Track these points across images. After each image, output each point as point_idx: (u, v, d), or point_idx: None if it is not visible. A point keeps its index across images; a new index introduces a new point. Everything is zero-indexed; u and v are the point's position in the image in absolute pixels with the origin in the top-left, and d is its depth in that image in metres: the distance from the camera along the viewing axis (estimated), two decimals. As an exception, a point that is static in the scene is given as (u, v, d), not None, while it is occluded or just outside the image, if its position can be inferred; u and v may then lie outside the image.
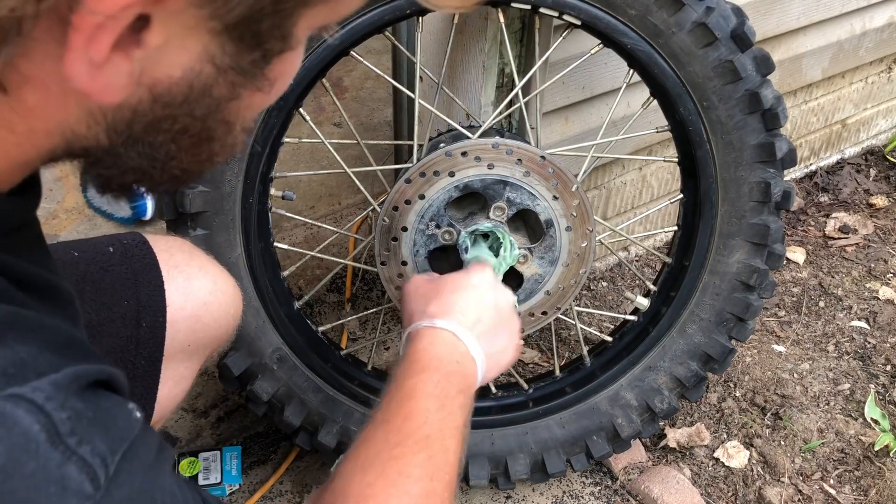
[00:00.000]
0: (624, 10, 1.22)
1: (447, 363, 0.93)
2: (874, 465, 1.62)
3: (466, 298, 1.01)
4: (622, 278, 2.02)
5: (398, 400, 0.87)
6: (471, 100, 1.54)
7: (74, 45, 0.46)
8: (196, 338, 1.05)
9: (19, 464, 0.46)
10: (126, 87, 0.50)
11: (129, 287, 0.98)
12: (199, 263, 1.06)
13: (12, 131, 0.52)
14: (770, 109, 1.28)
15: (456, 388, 0.91)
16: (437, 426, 0.84)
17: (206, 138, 0.57)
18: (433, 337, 0.96)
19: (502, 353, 1.03)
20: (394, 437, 0.82)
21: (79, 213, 2.02)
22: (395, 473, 0.78)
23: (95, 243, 1.02)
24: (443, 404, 0.87)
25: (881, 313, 1.94)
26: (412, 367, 0.91)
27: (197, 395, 1.64)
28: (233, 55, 0.52)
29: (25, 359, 0.49)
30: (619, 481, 1.59)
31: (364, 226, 2.01)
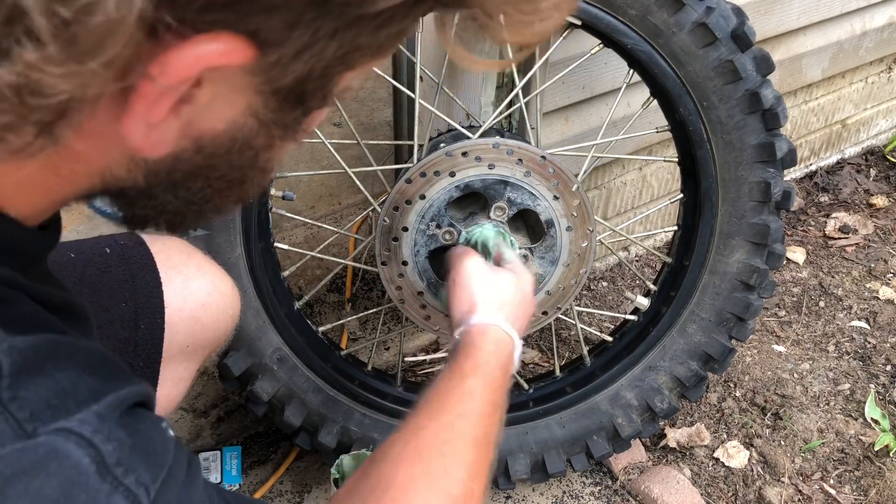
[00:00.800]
0: (624, 10, 1.22)
1: (506, 373, 0.95)
2: (874, 465, 1.62)
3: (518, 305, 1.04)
4: (622, 278, 2.02)
5: (458, 396, 0.88)
6: (471, 100, 1.54)
7: (136, 109, 0.48)
8: (195, 339, 1.04)
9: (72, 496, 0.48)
10: (174, 141, 0.52)
11: (126, 288, 0.98)
12: (196, 264, 1.05)
13: (57, 174, 0.53)
14: (770, 109, 1.28)
15: (504, 398, 0.93)
16: (485, 431, 0.85)
17: (240, 182, 0.59)
18: (500, 341, 0.97)
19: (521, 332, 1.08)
20: (445, 433, 0.83)
21: (79, 213, 2.02)
22: (441, 471, 0.78)
23: (92, 244, 1.02)
24: (494, 411, 0.89)
25: (881, 313, 1.94)
26: (478, 368, 0.92)
27: (197, 395, 1.64)
28: (276, 111, 0.53)
29: (66, 388, 0.50)
30: (619, 481, 1.59)
31: (364, 226, 2.01)
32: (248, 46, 0.46)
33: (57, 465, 0.47)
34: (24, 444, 0.47)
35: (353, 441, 1.42)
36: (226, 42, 0.45)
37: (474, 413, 0.86)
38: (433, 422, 0.84)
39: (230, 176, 0.58)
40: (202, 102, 0.49)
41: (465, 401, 0.87)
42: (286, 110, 0.54)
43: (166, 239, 1.07)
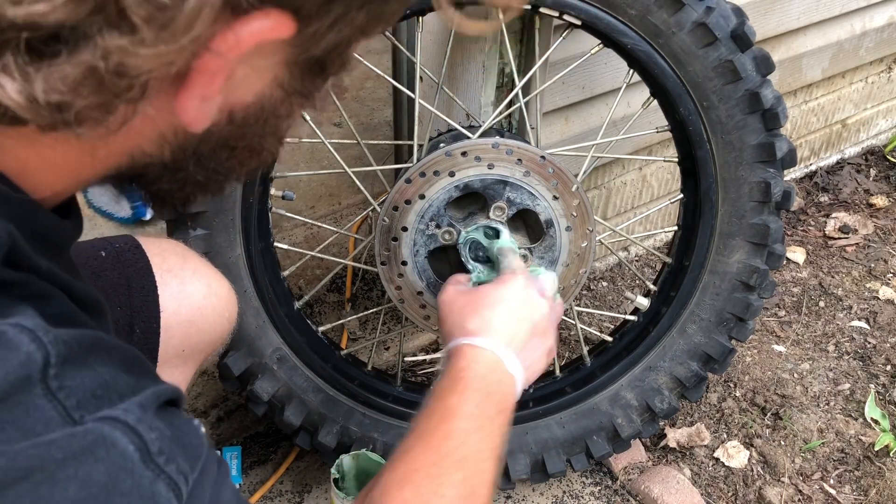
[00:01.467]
0: (624, 10, 1.22)
1: (489, 383, 0.93)
2: (874, 465, 1.62)
3: (502, 314, 1.00)
4: (622, 278, 2.02)
5: (439, 416, 0.87)
6: (471, 100, 1.54)
7: (195, 85, 0.50)
8: (191, 343, 1.03)
9: (118, 482, 0.49)
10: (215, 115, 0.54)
11: (122, 292, 0.97)
12: (192, 267, 1.04)
13: (93, 156, 0.55)
14: (770, 109, 1.28)
15: (496, 409, 0.91)
16: (474, 447, 0.85)
17: (259, 150, 0.62)
18: (474, 356, 0.95)
19: (537, 362, 1.03)
20: (432, 455, 0.83)
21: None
22: (431, 493, 0.79)
23: (87, 247, 1.00)
24: (482, 425, 0.88)
25: (881, 313, 1.94)
26: (454, 385, 0.91)
27: (197, 395, 1.64)
28: (300, 81, 0.56)
29: (108, 381, 0.52)
30: (619, 481, 1.59)
31: (364, 226, 2.01)
32: (292, 20, 0.48)
33: (104, 452, 0.49)
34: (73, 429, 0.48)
35: (353, 441, 1.42)
36: (276, 17, 0.48)
37: (459, 431, 0.85)
38: (419, 445, 0.84)
39: (252, 145, 0.60)
40: (239, 76, 0.52)
41: (447, 420, 0.87)
42: (309, 79, 0.56)
43: (162, 241, 1.06)
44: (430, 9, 1.21)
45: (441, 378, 0.94)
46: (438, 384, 0.93)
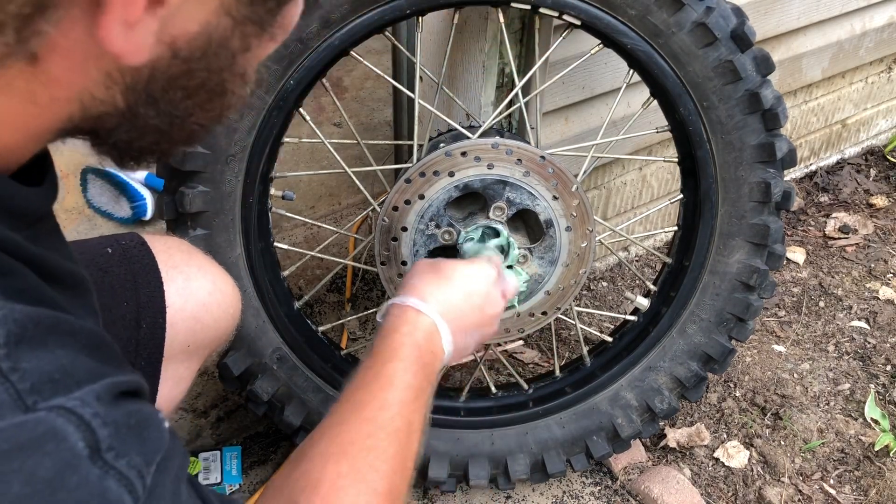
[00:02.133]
0: (624, 10, 1.22)
1: (424, 353, 0.94)
2: (874, 465, 1.62)
3: (458, 289, 1.02)
4: (622, 278, 2.02)
5: (377, 385, 0.87)
6: (471, 100, 1.54)
7: (113, 7, 0.47)
8: (196, 338, 1.04)
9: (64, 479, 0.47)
10: (152, 46, 0.51)
11: (128, 289, 0.98)
12: (198, 264, 1.05)
13: (35, 103, 0.52)
14: (770, 109, 1.28)
15: (427, 381, 0.92)
16: (407, 419, 0.85)
17: (220, 92, 0.58)
18: (417, 323, 0.96)
19: (463, 350, 1.04)
20: (367, 426, 0.83)
21: (79, 213, 2.02)
22: (367, 467, 0.79)
23: (94, 245, 1.01)
24: (416, 396, 0.88)
25: (881, 313, 1.94)
26: (395, 352, 0.92)
27: (197, 395, 1.64)
28: (248, 6, 0.53)
29: (66, 365, 0.50)
30: (619, 481, 1.59)
31: (364, 226, 2.01)
32: None
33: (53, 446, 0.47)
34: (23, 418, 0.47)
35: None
36: None
37: (395, 402, 0.85)
38: (355, 415, 0.84)
39: (209, 84, 0.57)
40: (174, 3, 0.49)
41: (384, 389, 0.87)
42: (258, 3, 0.54)
43: (167, 239, 1.06)
44: (430, 9, 1.22)
45: (380, 336, 0.94)
46: (377, 345, 0.93)
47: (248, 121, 1.20)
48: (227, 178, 1.22)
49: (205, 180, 1.22)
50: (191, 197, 1.21)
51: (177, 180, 1.23)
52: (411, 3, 1.18)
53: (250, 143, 1.22)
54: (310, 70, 1.20)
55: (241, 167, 1.22)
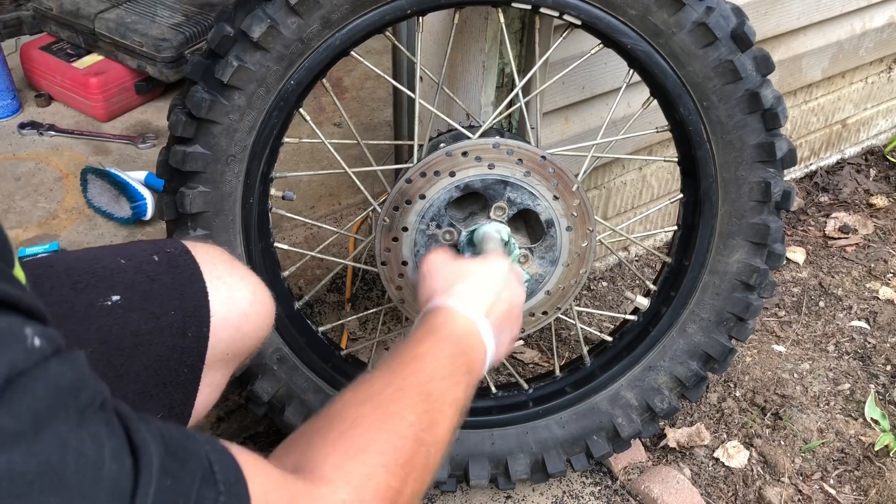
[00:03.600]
0: (624, 10, 1.22)
1: (463, 343, 0.94)
2: (874, 465, 1.62)
3: (487, 287, 1.02)
4: (622, 278, 2.02)
5: (410, 356, 0.87)
6: (471, 100, 1.54)
7: None
8: (235, 346, 1.05)
9: None
10: None
11: (175, 297, 0.99)
12: (240, 274, 1.06)
13: None
14: (770, 109, 1.28)
15: (465, 368, 0.91)
16: (440, 389, 0.84)
17: None
18: (453, 316, 0.97)
19: (503, 345, 1.05)
20: (398, 381, 0.82)
21: (79, 213, 2.02)
22: (392, 412, 0.77)
23: (140, 251, 1.02)
24: (451, 373, 0.88)
25: (881, 313, 1.94)
26: (431, 333, 0.92)
27: (197, 395, 1.64)
28: None
29: None
30: (619, 481, 1.59)
31: (364, 226, 2.01)
32: None
33: None
34: None
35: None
36: None
37: (427, 371, 0.85)
38: (385, 374, 0.83)
39: None
40: None
41: (417, 360, 0.86)
42: None
43: (209, 248, 1.07)
44: (431, 9, 1.22)
45: (415, 330, 0.94)
46: (411, 335, 0.93)
47: (249, 121, 1.20)
48: (227, 178, 1.22)
49: (205, 180, 1.22)
50: (191, 197, 1.21)
51: (177, 180, 1.23)
52: (411, 3, 1.18)
53: (250, 144, 1.22)
54: (310, 70, 1.20)
55: (241, 167, 1.22)
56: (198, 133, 1.19)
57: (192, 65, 1.19)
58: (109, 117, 2.35)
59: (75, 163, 2.17)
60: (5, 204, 2.03)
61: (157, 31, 2.30)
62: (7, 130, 2.30)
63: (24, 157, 2.20)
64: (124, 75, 2.36)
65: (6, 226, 1.96)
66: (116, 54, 2.36)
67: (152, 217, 1.99)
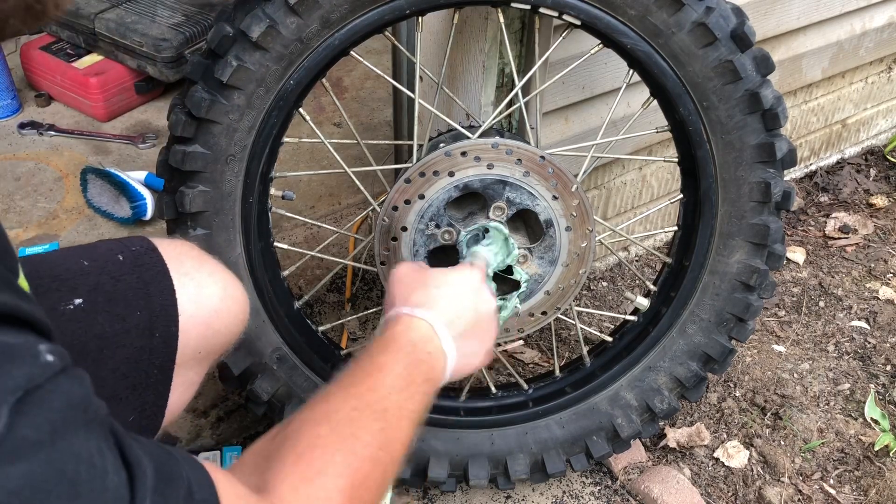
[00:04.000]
0: (624, 10, 1.22)
1: (420, 350, 0.95)
2: (874, 465, 1.62)
3: (449, 295, 1.03)
4: (622, 278, 2.02)
5: (367, 371, 0.88)
6: (471, 100, 1.54)
7: None
8: (207, 344, 1.04)
9: None
10: None
11: (141, 297, 0.97)
12: (209, 270, 1.04)
13: None
14: (770, 109, 1.28)
15: (423, 376, 0.92)
16: (396, 404, 0.86)
17: None
18: (410, 323, 0.98)
19: (473, 355, 1.05)
20: (353, 401, 0.83)
21: (79, 213, 2.02)
22: (348, 433, 0.78)
23: (105, 251, 1.00)
24: (407, 385, 0.89)
25: (881, 313, 1.94)
26: (387, 345, 0.93)
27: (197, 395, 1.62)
28: None
29: None
30: (619, 481, 1.59)
31: (364, 226, 2.01)
32: None
33: None
34: None
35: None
36: None
37: (384, 386, 0.86)
38: (342, 391, 0.84)
39: None
40: None
41: (374, 374, 0.87)
42: None
43: (177, 244, 1.06)
44: (430, 9, 1.22)
45: (374, 340, 0.95)
46: (371, 344, 0.94)
47: (248, 120, 1.20)
48: (227, 177, 1.22)
49: (205, 180, 1.22)
50: (191, 197, 1.21)
51: (177, 180, 1.23)
52: (411, 3, 1.18)
53: (250, 143, 1.22)
54: (310, 70, 1.20)
55: (241, 167, 1.23)
56: (198, 133, 1.19)
57: (192, 65, 1.19)
58: (109, 117, 2.35)
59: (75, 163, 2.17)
60: (5, 204, 2.04)
61: (157, 31, 2.30)
62: (7, 130, 2.30)
63: (23, 157, 2.20)
64: (124, 75, 2.36)
65: (6, 226, 1.96)
66: (116, 54, 2.36)
67: (152, 217, 1.99)
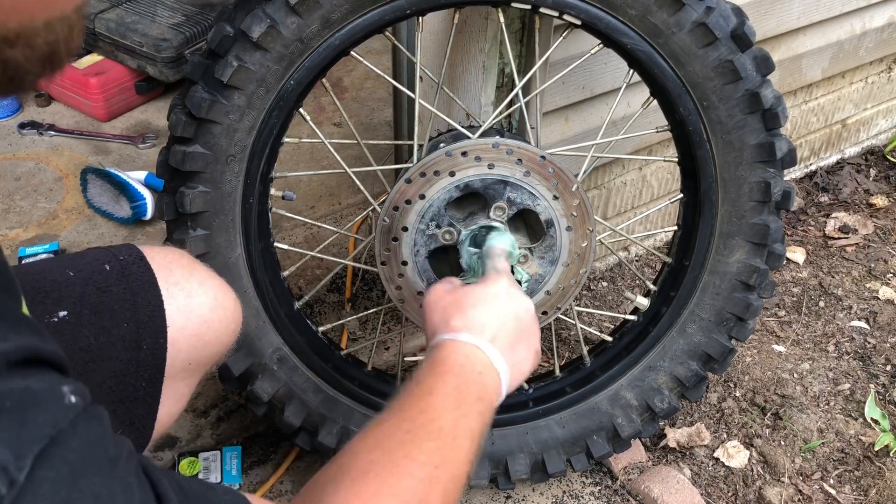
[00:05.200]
0: (624, 10, 1.22)
1: (468, 371, 0.93)
2: (874, 465, 1.62)
3: (487, 312, 1.00)
4: (622, 278, 2.02)
5: (416, 395, 0.87)
6: (471, 100, 1.54)
7: None
8: (197, 356, 1.02)
9: None
10: None
11: (127, 308, 0.95)
12: (199, 279, 1.02)
13: None
14: (770, 109, 1.28)
15: (475, 395, 0.91)
16: (450, 422, 0.84)
17: None
18: (456, 347, 0.96)
19: (524, 361, 1.03)
20: (406, 424, 0.82)
21: (79, 213, 2.02)
22: (402, 455, 0.78)
23: (91, 261, 0.98)
24: (459, 404, 0.87)
25: (881, 313, 1.94)
26: (434, 369, 0.92)
27: (197, 395, 1.64)
28: None
29: None
30: (619, 481, 1.59)
31: (364, 226, 2.01)
32: None
33: None
34: None
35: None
36: None
37: (435, 407, 0.85)
38: (394, 417, 0.84)
39: None
40: None
41: (424, 398, 0.86)
42: None
43: (166, 252, 1.03)
44: (430, 9, 1.22)
45: (421, 367, 0.94)
46: (418, 372, 0.93)
47: (248, 121, 1.20)
48: (227, 178, 1.22)
49: (205, 180, 1.22)
50: (191, 197, 1.21)
51: (177, 180, 1.23)
52: (411, 3, 1.18)
53: (250, 143, 1.22)
54: (310, 70, 1.20)
55: (241, 167, 1.23)
56: (198, 133, 1.19)
57: (192, 65, 1.19)
58: (109, 117, 2.35)
59: (75, 163, 2.17)
60: (5, 204, 2.03)
61: (157, 31, 2.30)
62: (7, 130, 2.30)
63: (23, 157, 2.20)
64: (124, 75, 2.36)
65: (6, 226, 1.96)
66: (116, 54, 2.36)
67: (152, 217, 1.99)
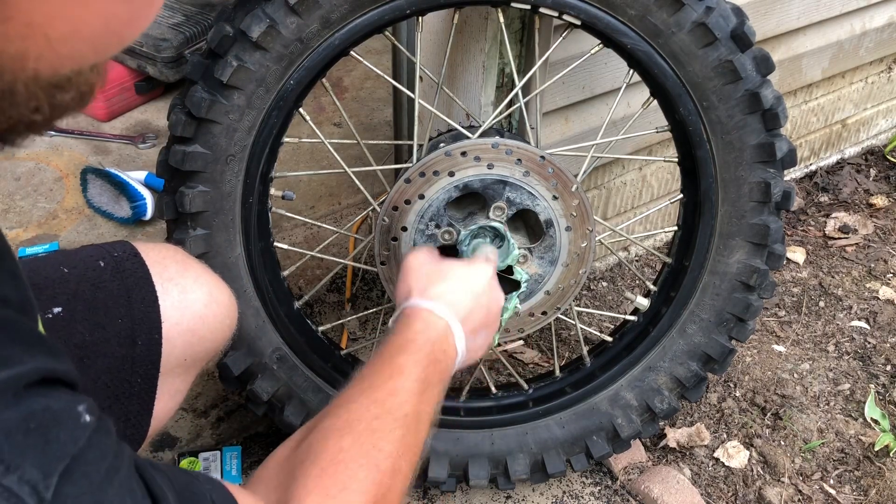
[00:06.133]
0: (624, 10, 1.22)
1: (437, 350, 0.95)
2: (874, 465, 1.62)
3: (465, 290, 1.04)
4: (622, 278, 2.02)
5: (388, 373, 0.89)
6: (471, 100, 1.54)
7: None
8: (193, 351, 1.02)
9: None
10: None
11: (122, 304, 0.95)
12: (193, 275, 1.02)
13: None
14: (770, 109, 1.28)
15: (438, 377, 0.94)
16: (415, 408, 0.86)
17: None
18: (430, 321, 0.98)
19: (477, 350, 1.06)
20: (376, 408, 0.84)
21: (79, 213, 2.02)
22: (370, 445, 0.79)
23: (85, 257, 0.98)
24: (425, 389, 0.90)
25: (881, 313, 1.94)
26: (406, 345, 0.93)
27: (197, 395, 1.64)
28: None
29: None
30: (619, 481, 1.59)
31: (364, 226, 2.01)
32: None
33: None
34: None
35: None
36: None
37: (404, 390, 0.87)
38: (364, 397, 0.85)
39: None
40: None
41: (394, 377, 0.88)
42: None
43: (161, 248, 1.04)
44: (430, 9, 1.22)
45: (392, 334, 0.96)
46: (390, 340, 0.94)
47: (248, 120, 1.20)
48: (227, 177, 1.22)
49: (205, 180, 1.22)
50: (191, 197, 1.21)
51: (177, 180, 1.23)
52: (411, 3, 1.18)
53: (250, 143, 1.22)
54: (310, 70, 1.20)
55: (241, 167, 1.23)
56: (197, 133, 1.19)
57: (192, 65, 1.19)
58: (109, 117, 2.35)
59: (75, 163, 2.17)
60: (5, 204, 2.04)
61: (157, 31, 2.30)
62: (7, 130, 2.30)
63: (23, 157, 2.20)
64: (124, 75, 2.36)
65: (6, 226, 1.96)
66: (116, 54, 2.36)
67: (152, 217, 1.99)
